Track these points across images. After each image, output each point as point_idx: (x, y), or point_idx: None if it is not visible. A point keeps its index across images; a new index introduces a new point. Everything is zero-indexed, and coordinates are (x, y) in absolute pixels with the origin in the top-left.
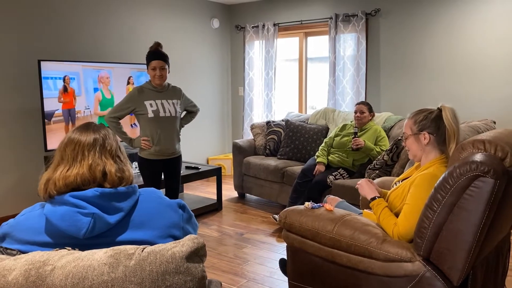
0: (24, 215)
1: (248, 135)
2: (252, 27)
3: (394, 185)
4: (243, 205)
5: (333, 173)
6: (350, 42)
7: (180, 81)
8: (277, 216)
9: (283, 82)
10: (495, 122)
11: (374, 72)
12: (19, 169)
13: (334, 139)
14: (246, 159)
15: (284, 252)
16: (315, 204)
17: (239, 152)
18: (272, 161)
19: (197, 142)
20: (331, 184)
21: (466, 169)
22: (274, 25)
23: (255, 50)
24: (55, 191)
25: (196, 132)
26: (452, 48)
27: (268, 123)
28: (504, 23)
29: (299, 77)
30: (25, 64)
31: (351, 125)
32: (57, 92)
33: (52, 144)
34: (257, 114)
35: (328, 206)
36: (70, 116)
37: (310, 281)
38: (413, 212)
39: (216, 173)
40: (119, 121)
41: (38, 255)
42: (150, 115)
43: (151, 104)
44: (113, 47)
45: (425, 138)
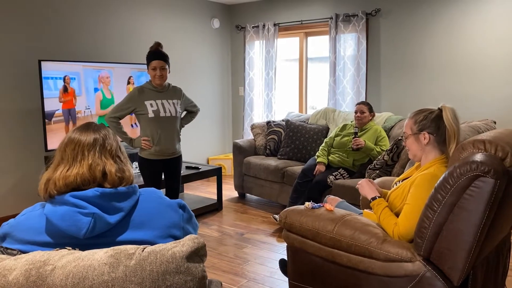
0: (25, 215)
1: (249, 135)
2: (253, 27)
3: (395, 185)
4: (244, 205)
5: (334, 173)
6: (351, 42)
7: (181, 81)
8: (277, 216)
9: (284, 82)
10: (496, 122)
11: (375, 72)
12: (20, 169)
13: (335, 139)
14: (247, 159)
15: (284, 252)
16: (316, 204)
17: (240, 152)
18: (273, 161)
19: (198, 142)
20: (332, 184)
21: (467, 169)
22: (275, 25)
23: (256, 50)
24: (55, 191)
25: (197, 132)
26: (453, 48)
27: (269, 123)
28: (504, 23)
29: (300, 77)
30: (26, 64)
31: (352, 125)
32: (58, 92)
33: (53, 144)
34: (258, 114)
35: (329, 206)
36: (71, 116)
37: (311, 281)
38: (414, 212)
39: (217, 173)
40: (120, 121)
41: (39, 255)
42: (151, 115)
43: (152, 104)
44: (114, 47)
45: (425, 138)
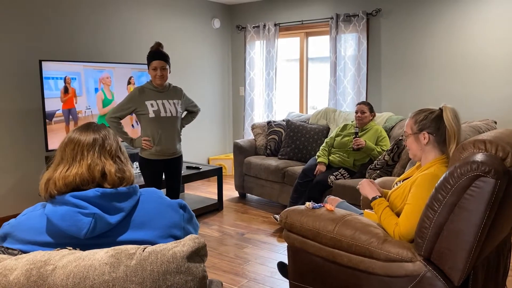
0: (25, 215)
1: (249, 135)
2: (253, 27)
3: (395, 185)
4: (244, 205)
5: (334, 173)
6: (351, 42)
7: (181, 81)
8: (278, 216)
9: (284, 82)
10: (496, 122)
11: (375, 72)
12: (20, 169)
13: (335, 139)
14: (247, 159)
15: (285, 252)
16: (316, 204)
17: (240, 152)
18: (273, 161)
19: (198, 142)
20: (332, 184)
21: (467, 169)
22: (275, 25)
23: (256, 50)
24: (56, 191)
25: (197, 132)
26: (453, 48)
27: (269, 123)
28: (505, 23)
29: (300, 77)
30: (26, 64)
31: (352, 125)
32: (58, 92)
33: (53, 144)
34: (258, 114)
35: (329, 206)
36: (71, 116)
37: (311, 281)
38: (414, 212)
39: (217, 173)
40: (120, 121)
41: (39, 255)
42: (151, 115)
43: (152, 104)
44: (114, 47)
45: (425, 138)
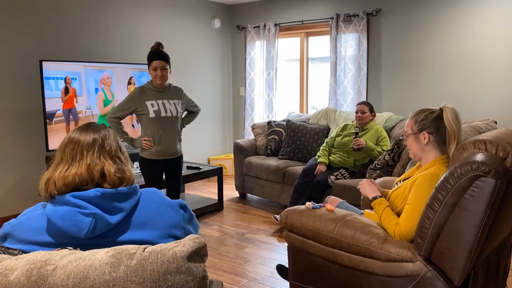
0: (26, 215)
1: (249, 135)
2: (253, 27)
3: (395, 185)
4: (244, 205)
5: (334, 173)
6: (351, 42)
7: (181, 81)
8: (278, 216)
9: (284, 82)
10: (497, 122)
11: (375, 72)
12: (21, 169)
13: (335, 139)
14: (247, 159)
15: (285, 252)
16: (316, 204)
17: (240, 152)
18: (273, 161)
19: (198, 142)
20: (332, 184)
21: (467, 169)
22: (275, 25)
23: (256, 50)
24: (55, 191)
25: (197, 132)
26: (453, 48)
27: (269, 123)
28: (505, 23)
29: (300, 77)
30: (27, 64)
31: (352, 125)
32: (59, 92)
33: (54, 144)
34: (258, 114)
35: (329, 206)
36: (71, 116)
37: (311, 281)
38: (415, 212)
39: (217, 173)
40: (120, 121)
41: (40, 255)
42: (152, 115)
43: (153, 104)
44: (115, 47)
45: (425, 138)
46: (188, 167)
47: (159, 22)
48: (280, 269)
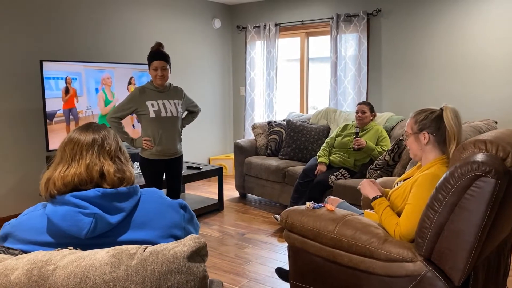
0: (26, 215)
1: (250, 135)
2: (254, 27)
3: (396, 185)
4: (245, 205)
5: (335, 173)
6: (352, 42)
7: (182, 81)
8: (279, 216)
9: (285, 82)
10: (497, 122)
11: (376, 72)
12: (21, 169)
13: (336, 139)
14: (248, 159)
15: (285, 252)
16: (317, 204)
17: (241, 152)
18: (274, 161)
19: (199, 142)
20: (333, 184)
21: (468, 169)
22: (276, 25)
23: (257, 50)
24: (55, 191)
25: (198, 132)
26: (453, 48)
27: (270, 123)
28: (505, 23)
29: (301, 77)
30: (27, 64)
31: (353, 125)
32: (60, 92)
33: (54, 144)
34: (259, 114)
35: (330, 206)
36: (72, 116)
37: (311, 281)
38: (415, 212)
39: (218, 173)
40: (121, 121)
41: (40, 255)
42: (152, 115)
43: (153, 104)
44: (115, 47)
45: (425, 138)
46: (189, 167)
47: (160, 22)
48: (280, 272)
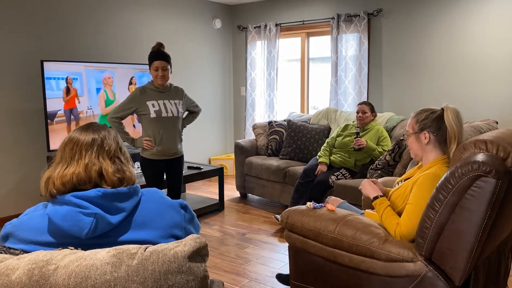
0: (27, 215)
1: (250, 135)
2: (254, 27)
3: (396, 185)
4: (245, 205)
5: (335, 173)
6: (352, 42)
7: (182, 81)
8: (279, 216)
9: (285, 82)
10: (498, 122)
11: (376, 72)
12: (22, 169)
13: (336, 139)
14: (248, 159)
15: (286, 252)
16: (317, 204)
17: (241, 152)
18: (274, 161)
19: (199, 142)
20: (333, 184)
21: (468, 169)
22: (276, 25)
23: (257, 50)
24: (55, 190)
25: (198, 132)
26: (454, 48)
27: (270, 123)
28: (505, 23)
29: (301, 77)
30: (28, 65)
31: (353, 125)
32: (60, 93)
33: (55, 144)
34: (259, 114)
35: (330, 206)
36: (73, 116)
37: (312, 281)
38: (416, 212)
39: (218, 173)
40: (121, 121)
41: (41, 255)
42: (152, 115)
43: (153, 105)
44: (116, 48)
45: (426, 138)
46: (189, 167)
47: (160, 22)
48: (280, 277)
